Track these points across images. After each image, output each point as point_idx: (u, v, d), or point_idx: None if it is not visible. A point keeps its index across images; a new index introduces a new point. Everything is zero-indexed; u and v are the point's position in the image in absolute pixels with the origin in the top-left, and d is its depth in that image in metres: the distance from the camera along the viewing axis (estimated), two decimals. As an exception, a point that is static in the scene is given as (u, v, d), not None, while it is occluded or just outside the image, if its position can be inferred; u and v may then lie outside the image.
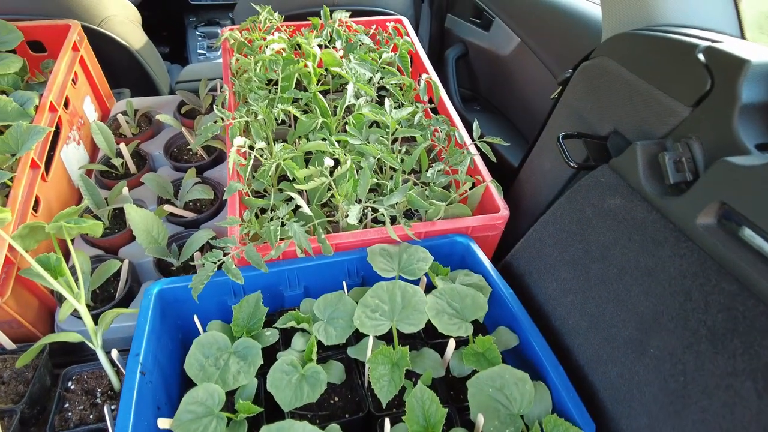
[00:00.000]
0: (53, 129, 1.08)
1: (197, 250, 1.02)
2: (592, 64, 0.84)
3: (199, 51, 2.46)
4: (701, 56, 0.64)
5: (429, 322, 0.80)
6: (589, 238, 0.76)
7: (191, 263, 1.06)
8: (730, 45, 0.63)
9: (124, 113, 1.37)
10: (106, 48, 1.56)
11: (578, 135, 0.82)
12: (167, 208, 1.08)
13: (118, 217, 1.17)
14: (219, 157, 1.30)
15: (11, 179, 1.00)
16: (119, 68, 1.63)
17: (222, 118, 1.02)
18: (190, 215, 1.14)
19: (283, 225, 0.87)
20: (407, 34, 1.43)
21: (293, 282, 0.93)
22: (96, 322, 0.85)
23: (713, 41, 0.65)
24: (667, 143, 0.67)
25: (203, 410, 0.71)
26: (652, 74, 0.72)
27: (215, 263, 0.84)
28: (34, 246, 0.87)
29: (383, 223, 0.96)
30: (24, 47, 1.33)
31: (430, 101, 1.27)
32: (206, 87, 1.42)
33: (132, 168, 1.24)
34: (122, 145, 1.19)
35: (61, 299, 1.01)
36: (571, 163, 0.79)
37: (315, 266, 0.93)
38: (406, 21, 1.46)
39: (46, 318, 1.02)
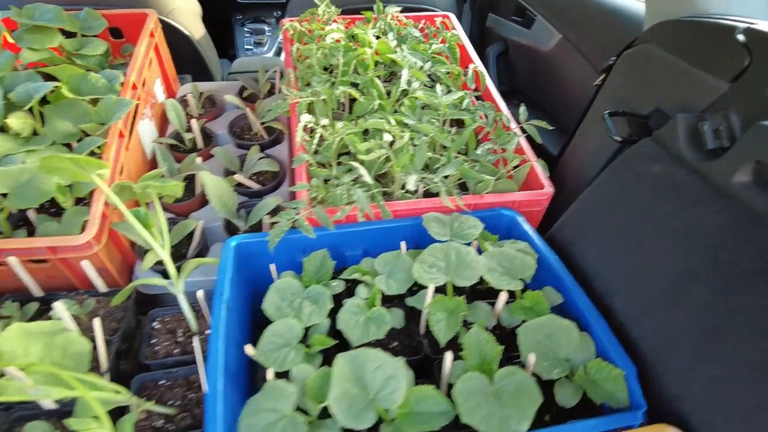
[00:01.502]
0: (137, 103, 1.20)
1: (267, 214, 1.12)
2: (636, 50, 0.92)
3: (246, 47, 2.59)
4: (740, 36, 0.71)
5: (478, 285, 0.88)
6: (630, 203, 0.84)
7: (257, 228, 1.17)
8: (767, 25, 0.70)
9: (191, 95, 1.49)
10: (171, 37, 1.68)
11: (622, 113, 0.90)
12: (237, 177, 1.18)
13: (187, 187, 1.28)
14: (278, 138, 1.41)
15: (101, 146, 1.12)
16: (181, 56, 1.76)
17: (286, 98, 1.12)
18: (255, 186, 1.24)
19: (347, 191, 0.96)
20: (454, 29, 1.52)
21: (353, 243, 1.03)
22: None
23: (751, 23, 0.72)
24: (706, 116, 0.75)
25: (283, 341, 0.80)
26: (693, 55, 0.79)
27: (289, 220, 0.94)
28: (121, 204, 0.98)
29: (434, 195, 1.05)
30: (105, 33, 1.46)
31: (475, 90, 1.36)
32: (265, 74, 1.53)
33: (199, 143, 1.35)
34: (193, 122, 1.30)
35: (142, 253, 1.11)
36: (616, 138, 0.87)
37: (373, 230, 1.02)
38: (452, 17, 1.56)
39: (125, 271, 1.13)
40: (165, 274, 0.99)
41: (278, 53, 2.54)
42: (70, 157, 0.88)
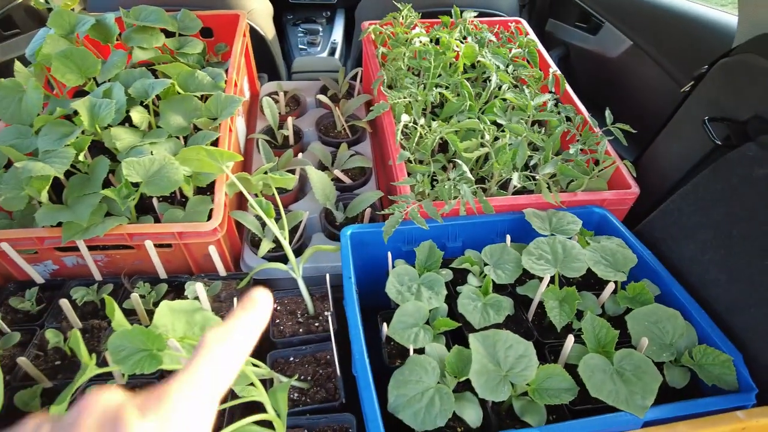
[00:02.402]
0: (245, 100, 1.28)
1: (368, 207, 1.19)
2: (735, 60, 0.98)
3: (300, 46, 2.67)
4: None
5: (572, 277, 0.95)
6: (733, 202, 0.90)
7: (353, 220, 1.24)
8: None
9: (274, 93, 1.57)
10: (250, 37, 1.77)
11: (721, 119, 0.96)
12: (336, 173, 1.26)
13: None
14: (361, 136, 1.48)
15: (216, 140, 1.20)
16: (256, 55, 1.84)
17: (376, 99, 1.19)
18: (348, 181, 1.32)
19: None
20: (527, 34, 1.59)
21: (454, 236, 1.10)
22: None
23: None
24: (813, 123, 0.81)
25: (412, 321, 0.88)
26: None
27: (403, 212, 1.01)
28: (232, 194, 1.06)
29: (525, 192, 1.12)
30: (197, 33, 1.55)
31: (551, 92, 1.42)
32: (344, 75, 1.61)
33: (291, 139, 1.43)
34: (289, 120, 1.38)
35: (248, 240, 1.20)
36: (717, 142, 0.93)
37: (473, 223, 1.09)
38: (524, 22, 1.62)
39: (233, 258, 1.21)
40: (274, 260, 1.07)
41: (332, 53, 2.62)
42: (206, 149, 0.96)
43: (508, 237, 1.04)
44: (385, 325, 0.86)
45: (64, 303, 0.95)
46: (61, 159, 1.05)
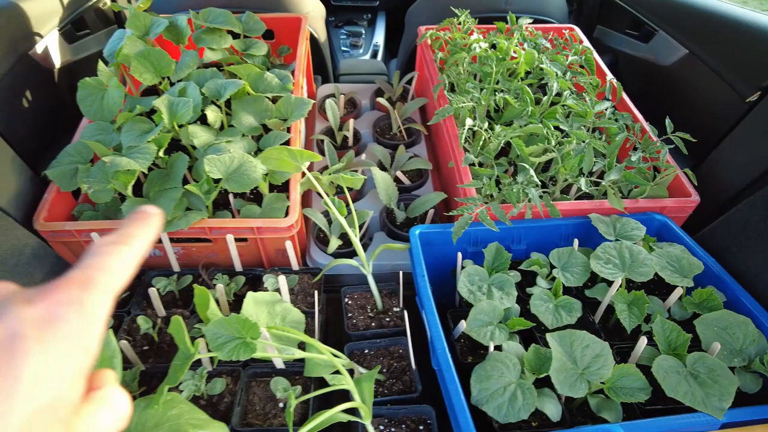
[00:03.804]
0: (314, 102, 1.32)
1: (431, 208, 1.23)
2: (806, 72, 1.00)
3: (343, 48, 2.72)
4: None
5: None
6: (805, 214, 0.92)
7: (413, 220, 1.28)
8: None
9: (331, 95, 1.61)
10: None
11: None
12: (398, 174, 1.30)
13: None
14: (416, 139, 1.52)
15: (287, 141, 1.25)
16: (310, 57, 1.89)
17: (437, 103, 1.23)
18: (407, 182, 1.36)
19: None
20: (581, 41, 1.61)
21: (519, 238, 1.13)
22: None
23: None
24: None
25: (487, 320, 0.91)
26: None
27: (471, 214, 1.05)
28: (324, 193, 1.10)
29: (586, 197, 1.15)
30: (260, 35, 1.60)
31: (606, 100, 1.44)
32: (399, 78, 1.65)
33: (350, 140, 1.47)
34: (351, 121, 1.43)
35: (317, 238, 1.24)
36: None
37: (538, 227, 1.12)
38: (578, 30, 1.65)
39: (300, 253, 1.26)
40: (339, 256, 1.12)
41: (374, 55, 2.67)
42: (288, 149, 1.01)
43: (576, 241, 1.07)
44: (463, 322, 0.90)
45: (152, 292, 1.00)
46: (144, 155, 1.11)
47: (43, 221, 1.09)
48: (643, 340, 0.86)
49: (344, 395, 0.86)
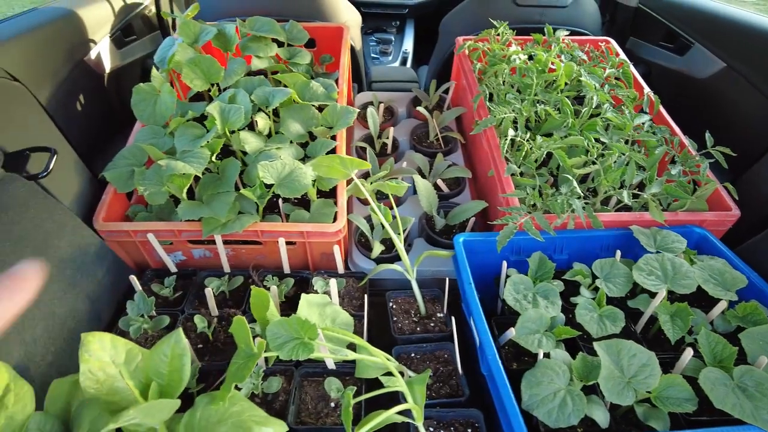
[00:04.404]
0: (359, 111, 1.36)
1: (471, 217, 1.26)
2: None
3: (372, 55, 2.76)
4: None
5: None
6: None
7: (451, 228, 1.31)
8: None
9: (370, 103, 1.65)
10: (341, 48, 1.86)
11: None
12: (438, 182, 1.33)
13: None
14: (453, 147, 1.55)
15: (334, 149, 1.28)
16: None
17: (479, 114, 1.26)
18: (446, 189, 1.39)
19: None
20: (617, 54, 1.63)
21: (561, 248, 1.16)
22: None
23: None
24: None
25: (535, 327, 0.94)
26: None
27: (516, 223, 1.07)
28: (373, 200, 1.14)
29: (625, 209, 1.17)
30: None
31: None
32: (435, 88, 1.68)
33: (389, 148, 1.51)
34: (390, 129, 1.46)
35: (361, 242, 1.28)
36: None
37: (579, 237, 1.14)
38: (613, 42, 1.67)
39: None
40: (381, 262, 1.15)
41: (403, 62, 2.70)
42: (340, 157, 1.04)
43: (618, 252, 1.09)
44: (511, 329, 0.92)
45: (208, 292, 1.04)
46: (198, 159, 1.15)
47: (102, 221, 1.14)
48: (689, 351, 0.88)
49: (392, 397, 0.89)
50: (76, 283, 0.96)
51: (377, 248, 1.19)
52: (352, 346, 1.01)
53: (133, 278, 1.04)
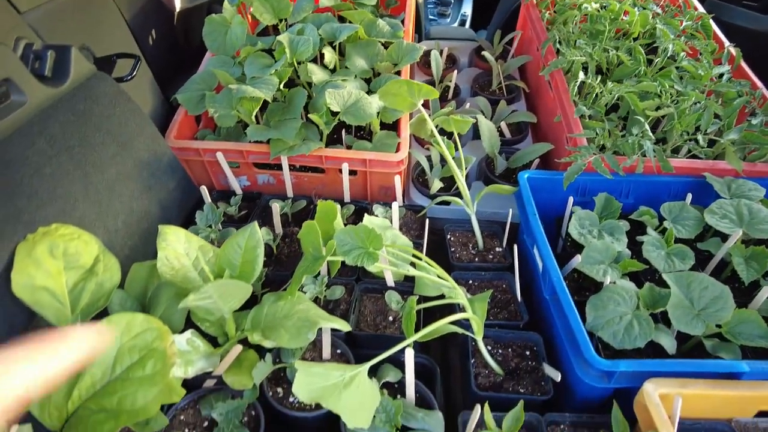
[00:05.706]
0: (424, 49, 1.36)
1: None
2: None
3: (430, 17, 2.73)
4: None
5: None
6: None
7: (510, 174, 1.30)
8: None
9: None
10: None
11: None
12: (502, 125, 1.32)
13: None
14: (516, 96, 1.53)
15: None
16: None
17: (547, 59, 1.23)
18: (509, 134, 1.37)
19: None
20: (695, 8, 1.55)
21: (627, 192, 1.13)
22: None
23: None
24: None
25: (600, 258, 0.92)
26: None
27: (585, 161, 1.05)
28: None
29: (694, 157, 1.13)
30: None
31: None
32: (500, 38, 1.65)
33: (450, 93, 1.50)
34: (454, 73, 1.46)
35: (419, 180, 1.28)
36: None
37: (648, 182, 1.11)
38: (692, -4, 1.59)
39: (399, 194, 1.31)
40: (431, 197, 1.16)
41: (461, 24, 2.66)
42: (408, 82, 1.04)
43: (689, 195, 1.06)
44: (578, 256, 0.91)
45: (274, 207, 1.07)
46: (267, 85, 1.18)
47: (174, 138, 1.18)
48: (766, 288, 0.85)
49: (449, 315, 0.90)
50: (151, 187, 1.00)
51: (436, 184, 1.19)
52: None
53: (204, 188, 1.08)
